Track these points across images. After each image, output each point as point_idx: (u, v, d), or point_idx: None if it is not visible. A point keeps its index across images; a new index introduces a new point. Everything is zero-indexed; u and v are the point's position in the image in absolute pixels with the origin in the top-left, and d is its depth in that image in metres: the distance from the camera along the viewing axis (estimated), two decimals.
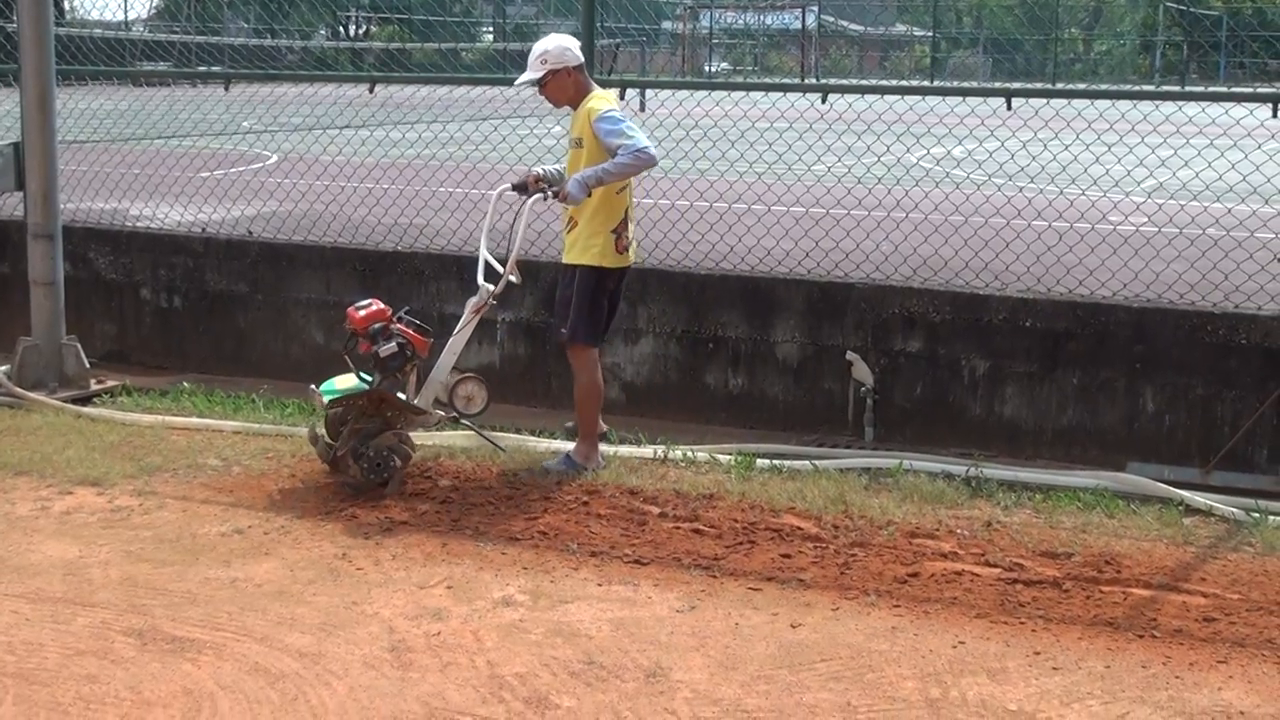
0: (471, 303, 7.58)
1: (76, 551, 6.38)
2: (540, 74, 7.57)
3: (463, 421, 7.74)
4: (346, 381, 7.40)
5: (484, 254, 7.63)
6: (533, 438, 8.20)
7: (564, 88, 7.61)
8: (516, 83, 7.87)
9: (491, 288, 7.53)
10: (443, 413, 7.62)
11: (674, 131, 10.81)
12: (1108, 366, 8.08)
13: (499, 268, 7.56)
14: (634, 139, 7.36)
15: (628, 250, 7.70)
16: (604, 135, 7.39)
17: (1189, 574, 6.26)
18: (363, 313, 7.34)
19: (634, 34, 43.79)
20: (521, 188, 7.72)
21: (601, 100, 7.57)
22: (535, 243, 9.57)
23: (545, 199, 7.61)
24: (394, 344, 7.32)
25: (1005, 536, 6.68)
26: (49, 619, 5.62)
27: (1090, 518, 7.00)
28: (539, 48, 7.62)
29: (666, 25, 52.23)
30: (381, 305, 7.40)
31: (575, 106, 7.64)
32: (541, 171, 7.75)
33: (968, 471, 7.60)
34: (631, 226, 7.77)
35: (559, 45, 7.60)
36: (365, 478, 7.18)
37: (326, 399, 7.33)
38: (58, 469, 7.58)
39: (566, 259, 7.71)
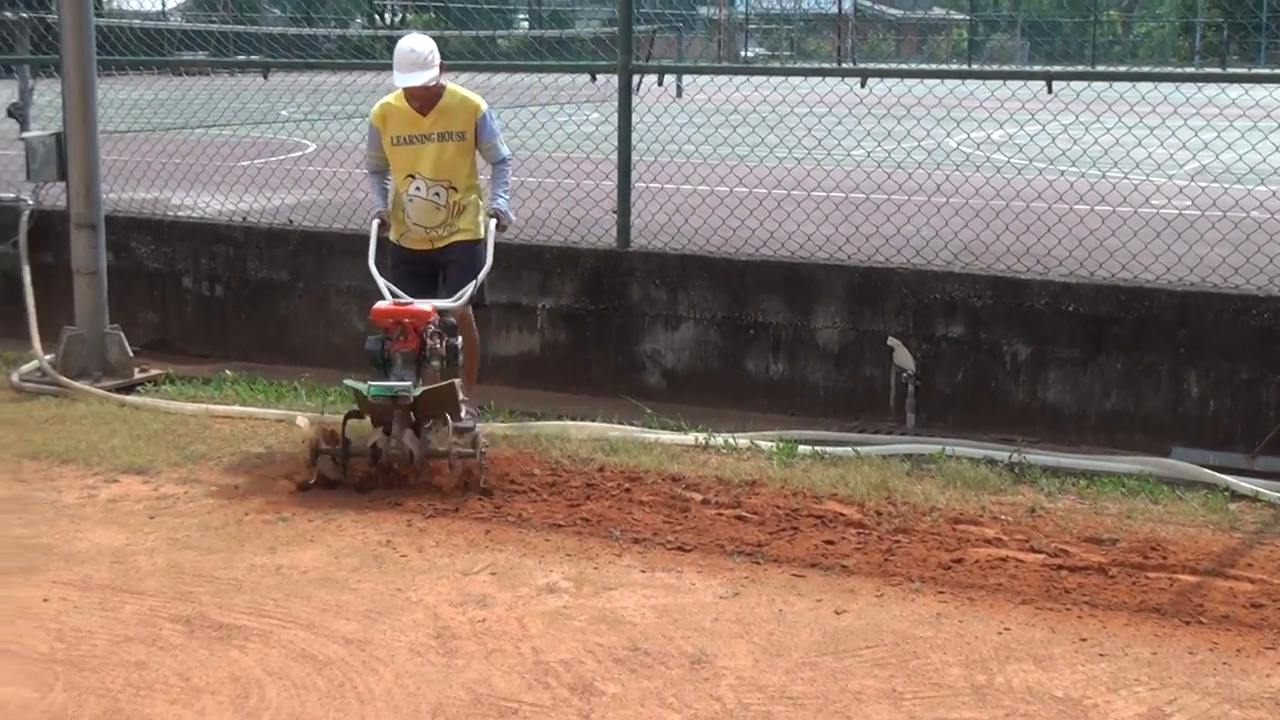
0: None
1: (123, 539, 6.43)
2: (437, 70, 7.79)
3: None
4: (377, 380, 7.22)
5: (379, 279, 7.70)
6: (574, 423, 8.19)
7: (439, 82, 7.93)
8: (423, 82, 7.75)
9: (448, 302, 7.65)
10: None
11: (712, 117, 10.79)
12: (1151, 351, 8.03)
13: (396, 290, 7.66)
14: (505, 149, 8.09)
15: None
16: (490, 136, 7.99)
17: (1235, 560, 6.22)
18: (428, 306, 7.30)
19: (670, 20, 43.78)
20: (384, 226, 8.12)
21: (472, 94, 8.04)
22: (575, 229, 9.58)
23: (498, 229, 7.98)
24: (458, 338, 7.50)
25: (1049, 522, 6.65)
26: (97, 606, 5.67)
27: (1135, 503, 6.97)
28: (425, 45, 7.79)
29: (703, 11, 52.19)
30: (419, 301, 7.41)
31: (434, 101, 7.91)
32: (386, 209, 8.14)
33: (1010, 457, 7.58)
34: None
35: (433, 43, 7.89)
36: (481, 472, 7.05)
37: (409, 396, 7.02)
38: (103, 457, 7.64)
39: (452, 239, 8.01)
